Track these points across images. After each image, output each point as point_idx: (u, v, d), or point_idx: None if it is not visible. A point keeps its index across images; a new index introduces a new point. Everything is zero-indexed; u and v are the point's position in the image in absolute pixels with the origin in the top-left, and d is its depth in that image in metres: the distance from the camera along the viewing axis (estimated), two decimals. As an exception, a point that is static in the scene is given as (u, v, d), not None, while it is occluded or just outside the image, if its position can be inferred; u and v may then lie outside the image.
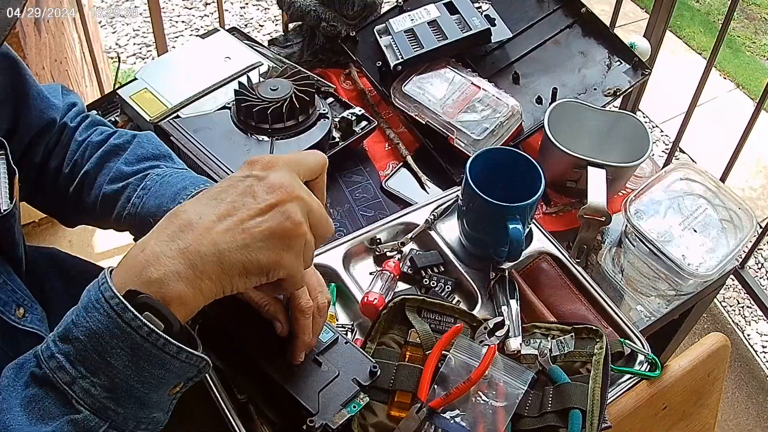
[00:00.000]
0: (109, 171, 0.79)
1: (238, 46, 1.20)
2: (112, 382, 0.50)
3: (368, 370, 0.69)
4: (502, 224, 0.86)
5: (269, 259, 0.54)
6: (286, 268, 0.55)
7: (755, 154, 2.93)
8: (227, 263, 0.52)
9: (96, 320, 0.50)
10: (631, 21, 3.66)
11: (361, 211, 1.05)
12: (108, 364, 0.50)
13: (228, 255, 0.52)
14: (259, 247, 0.53)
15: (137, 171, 0.79)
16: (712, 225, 1.00)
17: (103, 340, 0.49)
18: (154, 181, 0.77)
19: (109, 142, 0.82)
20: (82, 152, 0.81)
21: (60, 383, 0.50)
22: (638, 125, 1.09)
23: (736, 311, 2.36)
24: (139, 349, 0.50)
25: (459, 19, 1.18)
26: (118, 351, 0.49)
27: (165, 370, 0.52)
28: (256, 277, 0.55)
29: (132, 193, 0.77)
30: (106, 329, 0.49)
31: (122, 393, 0.51)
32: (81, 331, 0.50)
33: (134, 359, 0.50)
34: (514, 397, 0.73)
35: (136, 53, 3.05)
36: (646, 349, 0.84)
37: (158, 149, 0.83)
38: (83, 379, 0.50)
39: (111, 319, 0.49)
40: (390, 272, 0.89)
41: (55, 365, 0.50)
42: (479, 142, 1.06)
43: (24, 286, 0.70)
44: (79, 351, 0.50)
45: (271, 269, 0.55)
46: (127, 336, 0.49)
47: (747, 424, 1.82)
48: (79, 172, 0.80)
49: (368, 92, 1.25)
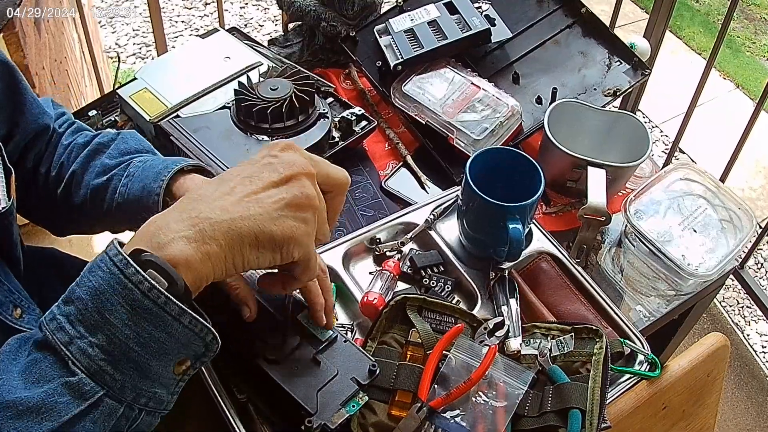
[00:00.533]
0: (95, 168, 0.80)
1: (238, 46, 1.20)
2: (110, 341, 0.49)
3: (367, 369, 0.69)
4: (501, 224, 0.86)
5: (282, 231, 0.54)
6: (300, 243, 0.55)
7: (755, 154, 2.93)
8: (237, 231, 0.52)
9: (98, 278, 0.49)
10: (631, 21, 3.67)
11: (360, 210, 1.05)
12: (107, 322, 0.49)
13: (239, 222, 0.52)
14: (273, 218, 0.53)
15: (120, 162, 0.80)
16: (711, 225, 1.00)
17: (104, 296, 0.49)
18: (137, 167, 0.78)
19: (94, 142, 0.83)
20: (68, 154, 0.83)
21: (58, 344, 0.49)
22: (638, 125, 1.09)
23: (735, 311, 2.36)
24: (139, 306, 0.49)
25: (459, 19, 1.18)
26: (118, 308, 0.49)
27: (167, 334, 0.50)
28: (268, 252, 0.54)
29: (117, 183, 0.78)
30: (108, 285, 0.49)
31: (120, 355, 0.49)
32: (83, 290, 0.50)
33: (134, 317, 0.49)
34: (514, 397, 0.73)
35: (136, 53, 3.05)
36: (646, 349, 0.84)
37: (141, 144, 0.84)
38: (81, 339, 0.49)
39: (113, 275, 0.49)
40: (390, 272, 0.89)
41: (55, 326, 0.49)
42: (479, 142, 1.06)
43: (21, 286, 0.70)
44: (80, 311, 0.49)
45: (284, 243, 0.54)
46: (128, 292, 0.48)
47: (746, 424, 1.82)
48: (66, 173, 0.81)
49: (368, 92, 1.25)
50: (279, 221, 0.54)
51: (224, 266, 0.53)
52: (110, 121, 1.12)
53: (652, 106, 3.04)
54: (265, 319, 0.69)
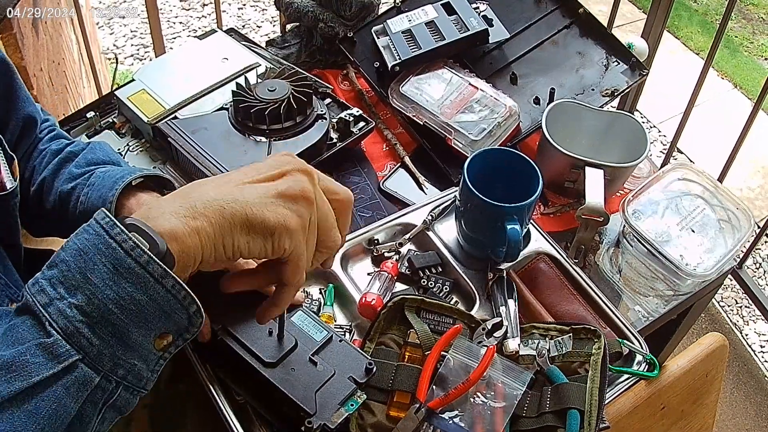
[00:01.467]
0: (63, 175, 0.82)
1: (236, 47, 1.20)
2: (90, 302, 0.48)
3: (364, 368, 0.69)
4: (499, 225, 0.86)
5: (275, 218, 0.53)
6: (291, 235, 0.54)
7: (753, 154, 2.94)
8: (229, 210, 0.52)
9: (83, 239, 0.49)
10: (628, 21, 3.67)
11: (358, 211, 1.05)
12: (88, 281, 0.48)
13: (232, 203, 0.52)
14: (265, 203, 0.53)
15: (85, 172, 0.81)
16: (709, 225, 1.00)
17: (87, 256, 0.48)
18: (98, 177, 0.79)
19: (66, 150, 0.85)
20: (41, 160, 0.84)
21: (37, 305, 0.48)
22: (636, 125, 1.09)
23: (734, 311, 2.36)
24: (121, 265, 0.48)
25: (456, 20, 1.18)
26: (100, 267, 0.48)
27: (148, 297, 0.49)
28: (260, 238, 0.53)
29: (80, 191, 0.79)
30: (92, 245, 0.48)
31: (99, 318, 0.48)
32: (67, 252, 0.49)
33: (115, 276, 0.48)
34: (512, 397, 0.73)
35: (134, 54, 3.05)
36: (644, 349, 0.84)
37: (108, 156, 0.86)
38: (60, 300, 0.48)
39: (98, 235, 0.49)
40: (388, 273, 0.89)
41: (36, 290, 0.49)
42: (477, 143, 1.06)
43: (21, 282, 0.70)
44: (62, 272, 0.49)
45: (275, 230, 0.53)
46: (111, 251, 0.48)
47: (745, 423, 1.82)
48: (37, 178, 0.83)
49: (366, 93, 1.25)
50: (272, 207, 0.53)
51: (213, 245, 0.52)
52: (108, 122, 1.12)
53: (650, 106, 3.04)
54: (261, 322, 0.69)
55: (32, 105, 0.84)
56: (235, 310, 0.69)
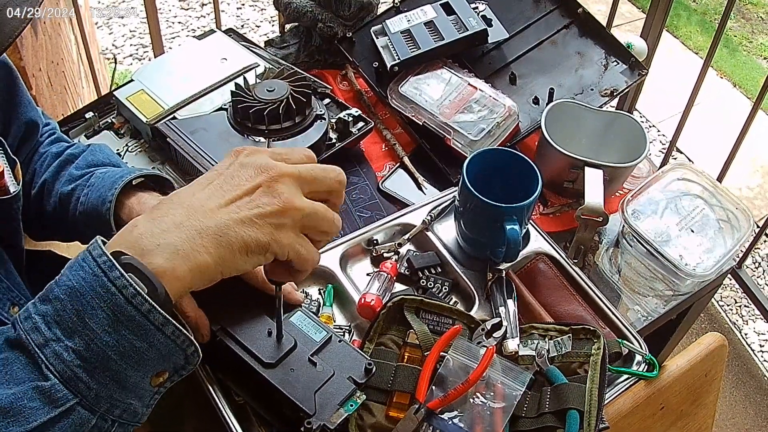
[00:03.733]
0: (63, 177, 0.82)
1: (235, 48, 1.20)
2: (88, 347, 0.47)
3: (363, 368, 0.69)
4: (499, 225, 0.86)
5: (266, 238, 0.53)
6: (283, 246, 0.54)
7: (752, 153, 2.94)
8: (226, 239, 0.51)
9: (79, 278, 0.48)
10: (627, 21, 3.67)
11: (358, 212, 1.05)
12: (85, 326, 0.47)
13: (227, 230, 0.52)
14: (254, 224, 0.53)
15: (85, 173, 0.81)
16: (709, 225, 1.00)
17: (83, 299, 0.47)
18: (98, 177, 0.79)
19: (66, 153, 0.85)
20: (41, 162, 0.85)
21: (32, 345, 0.47)
22: (635, 125, 1.09)
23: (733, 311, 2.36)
24: (121, 313, 0.47)
25: (455, 20, 1.18)
26: (99, 312, 0.47)
27: (147, 344, 0.48)
28: (257, 255, 0.54)
29: (80, 192, 0.79)
30: (89, 287, 0.47)
31: (97, 363, 0.47)
32: (62, 289, 0.48)
33: (115, 324, 0.47)
34: (512, 398, 0.73)
35: (133, 54, 3.05)
36: (644, 349, 0.84)
37: (108, 158, 0.86)
38: (57, 342, 0.47)
39: (96, 276, 0.47)
40: (387, 273, 0.89)
41: (29, 326, 0.48)
42: (476, 143, 1.06)
43: (23, 285, 0.70)
44: (57, 311, 0.47)
45: (269, 247, 0.53)
46: (110, 296, 0.47)
47: (745, 423, 1.82)
48: (38, 181, 0.83)
49: (365, 93, 1.25)
50: (260, 227, 0.53)
51: (214, 275, 0.52)
52: (107, 123, 1.12)
53: (649, 105, 3.04)
54: (259, 324, 0.69)
55: (34, 110, 0.84)
56: (234, 311, 0.69)
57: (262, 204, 0.53)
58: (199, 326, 0.65)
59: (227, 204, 0.53)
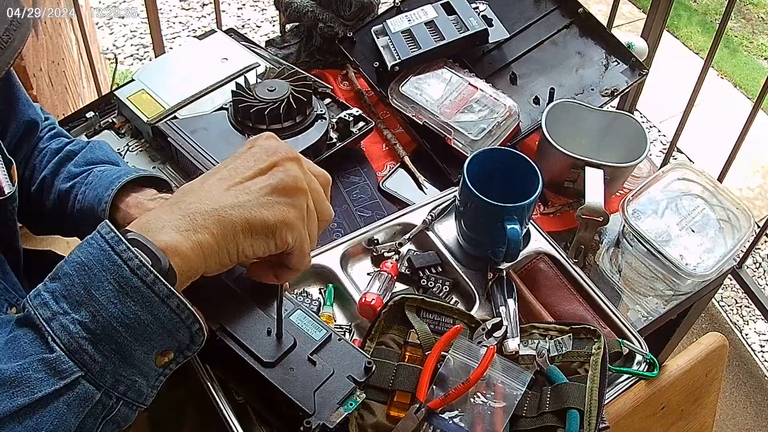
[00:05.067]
0: (62, 174, 0.82)
1: (236, 47, 1.20)
2: (94, 319, 0.47)
3: (363, 367, 0.69)
4: (499, 225, 0.86)
5: (274, 216, 0.53)
6: (292, 227, 0.54)
7: (753, 153, 2.93)
8: (229, 219, 0.52)
9: (87, 253, 0.49)
10: (628, 21, 3.67)
11: (358, 211, 1.05)
12: (92, 298, 0.47)
13: (230, 210, 0.52)
14: (262, 203, 0.53)
15: (83, 171, 0.82)
16: (709, 225, 1.00)
17: (91, 272, 0.48)
18: (96, 176, 0.80)
19: (65, 149, 0.85)
20: (41, 159, 0.85)
21: (40, 319, 0.48)
22: (636, 125, 1.09)
23: (733, 311, 2.36)
24: (127, 284, 0.48)
25: (456, 20, 1.18)
26: (105, 284, 0.48)
27: (152, 316, 0.49)
28: (262, 238, 0.54)
29: (78, 190, 0.79)
30: (96, 260, 0.48)
31: (102, 335, 0.48)
32: (71, 265, 0.49)
33: (120, 295, 0.48)
34: (512, 398, 0.73)
35: (134, 54, 3.05)
36: (644, 349, 0.84)
37: (107, 156, 0.86)
38: (64, 315, 0.48)
39: (103, 250, 0.48)
40: (388, 273, 0.89)
41: (38, 302, 0.48)
42: (476, 143, 1.06)
43: (20, 285, 0.70)
44: (66, 286, 0.48)
45: (276, 228, 0.54)
46: (116, 268, 0.48)
47: (745, 423, 1.82)
48: (38, 177, 0.83)
49: (365, 93, 1.25)
50: (269, 206, 0.54)
51: (218, 256, 0.53)
52: (108, 122, 1.12)
53: (650, 106, 3.04)
54: (259, 323, 0.69)
55: (32, 107, 0.84)
56: (234, 310, 0.69)
57: (275, 181, 0.54)
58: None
59: (236, 185, 0.54)
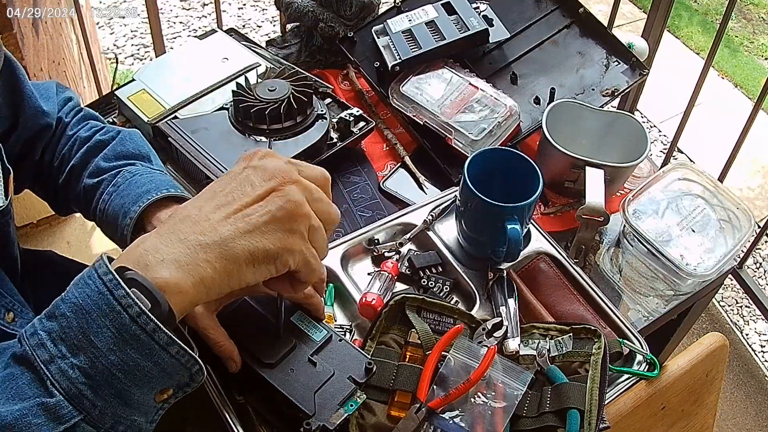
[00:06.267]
0: (90, 166, 0.81)
1: (236, 47, 1.20)
2: (93, 365, 0.46)
3: (364, 367, 0.69)
4: (500, 224, 0.86)
5: (275, 245, 0.52)
6: (294, 253, 0.54)
7: (753, 153, 2.93)
8: (232, 252, 0.51)
9: (85, 295, 0.47)
10: (629, 21, 3.67)
11: (359, 211, 1.05)
12: (91, 344, 0.46)
13: (231, 242, 0.51)
14: (262, 232, 0.52)
15: (113, 167, 0.80)
16: (710, 225, 1.00)
17: (89, 316, 0.47)
18: (125, 178, 0.78)
19: (95, 138, 0.84)
20: (70, 147, 0.83)
21: (38, 361, 0.47)
22: (636, 125, 1.09)
23: (734, 311, 2.36)
24: (127, 332, 0.47)
25: (457, 20, 1.18)
26: (104, 330, 0.46)
27: (153, 363, 0.48)
28: (264, 266, 0.53)
29: (104, 189, 0.78)
30: (95, 305, 0.47)
31: (102, 381, 0.47)
32: (68, 306, 0.48)
33: (119, 342, 0.47)
34: (513, 398, 0.73)
35: (134, 54, 3.05)
36: (645, 349, 0.84)
37: (138, 149, 0.84)
38: (62, 359, 0.47)
39: (101, 294, 0.47)
40: (388, 273, 0.89)
41: (35, 342, 0.47)
42: (477, 143, 1.06)
43: (16, 291, 0.70)
44: (63, 328, 0.47)
45: (279, 255, 0.53)
46: (115, 315, 0.46)
47: (745, 423, 1.82)
48: (66, 166, 0.82)
49: (366, 93, 1.25)
50: (270, 235, 0.52)
51: (219, 288, 0.52)
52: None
53: (651, 106, 3.04)
54: (259, 323, 0.69)
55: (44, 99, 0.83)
56: (234, 311, 0.69)
57: (274, 209, 0.53)
58: (231, 355, 0.65)
59: (235, 213, 0.53)
